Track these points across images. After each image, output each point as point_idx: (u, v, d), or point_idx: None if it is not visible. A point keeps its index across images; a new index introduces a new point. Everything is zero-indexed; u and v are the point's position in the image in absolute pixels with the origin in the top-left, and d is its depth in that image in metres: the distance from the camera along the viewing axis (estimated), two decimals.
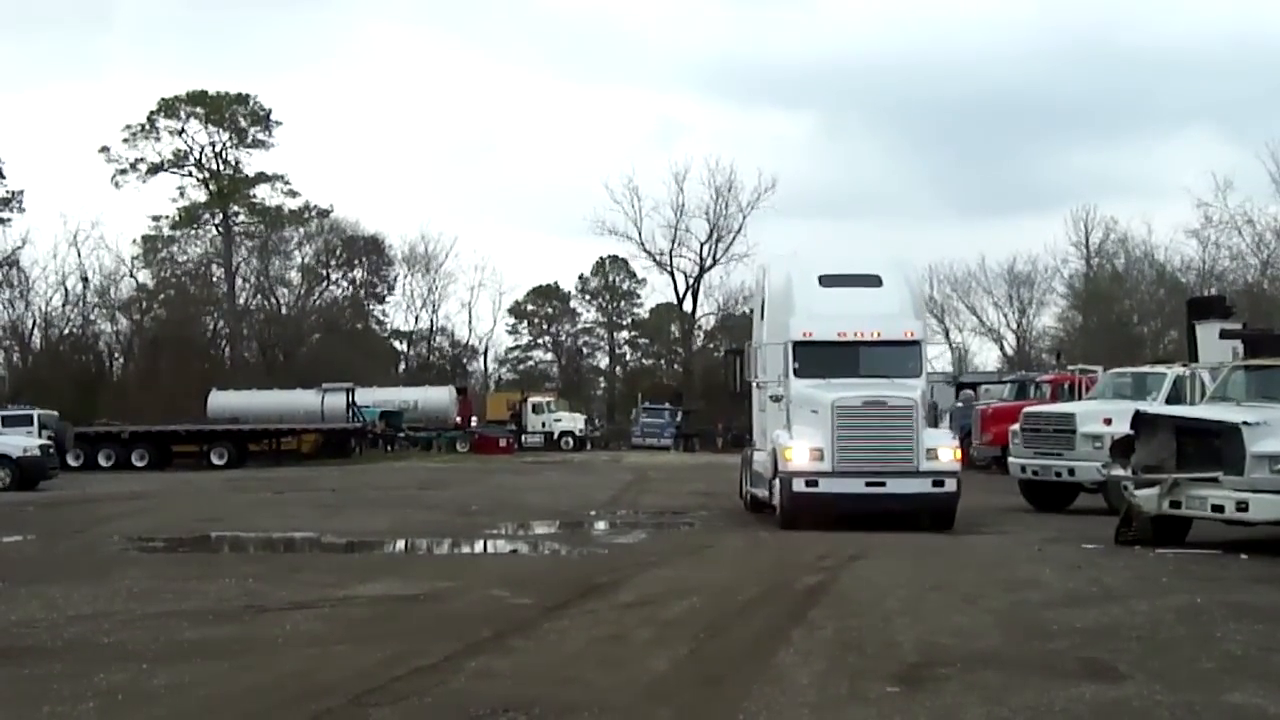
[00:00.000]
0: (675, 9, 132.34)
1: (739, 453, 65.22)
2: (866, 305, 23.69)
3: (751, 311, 29.10)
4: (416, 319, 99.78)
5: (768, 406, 24.51)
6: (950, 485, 22.08)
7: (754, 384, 25.72)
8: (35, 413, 48.56)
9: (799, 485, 21.95)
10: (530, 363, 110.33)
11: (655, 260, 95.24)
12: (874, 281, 24.27)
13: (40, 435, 43.86)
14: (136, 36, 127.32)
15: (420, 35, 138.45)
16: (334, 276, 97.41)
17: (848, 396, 22.20)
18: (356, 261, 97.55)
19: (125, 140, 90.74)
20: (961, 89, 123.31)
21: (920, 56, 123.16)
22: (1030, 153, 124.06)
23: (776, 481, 22.60)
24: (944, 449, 22.38)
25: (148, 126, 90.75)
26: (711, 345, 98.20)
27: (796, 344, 23.40)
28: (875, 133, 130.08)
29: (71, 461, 48.60)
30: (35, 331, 79.88)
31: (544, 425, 76.30)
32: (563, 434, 76.01)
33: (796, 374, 23.24)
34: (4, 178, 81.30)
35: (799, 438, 22.30)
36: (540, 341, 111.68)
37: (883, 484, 21.90)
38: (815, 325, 23.40)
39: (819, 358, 23.19)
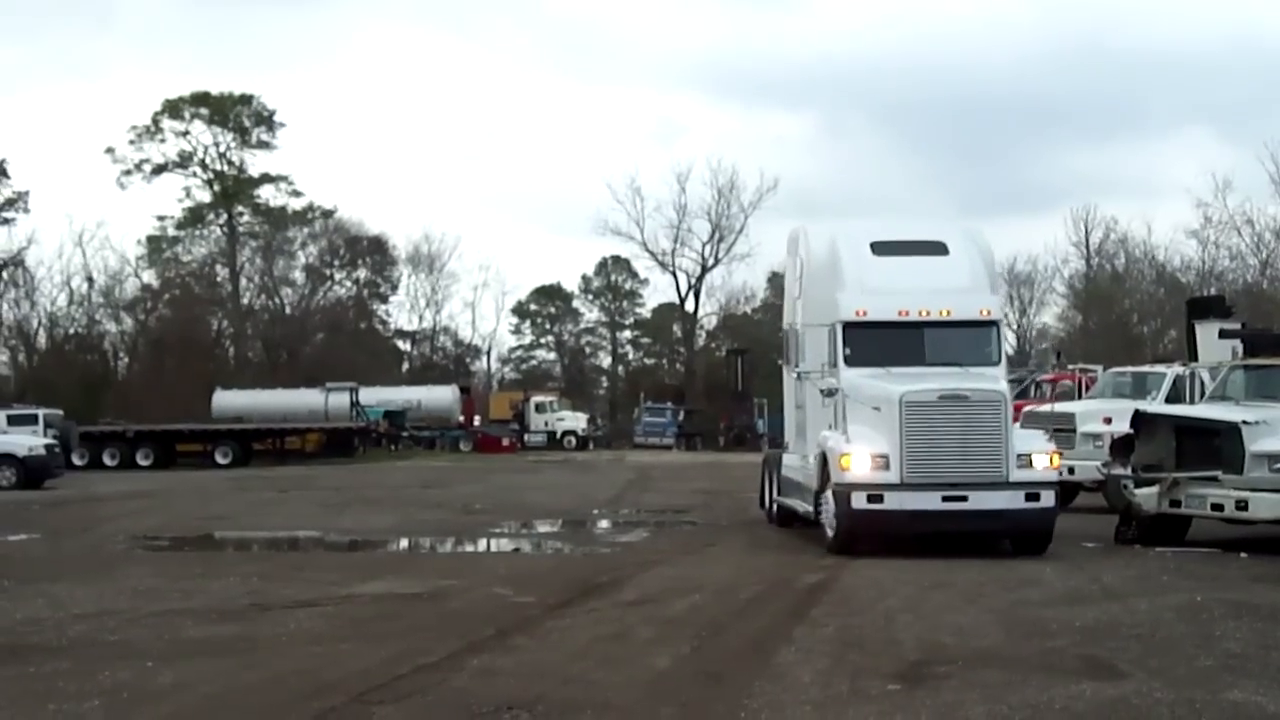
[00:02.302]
0: (676, 9, 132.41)
1: (740, 452, 65.84)
2: (931, 278, 19.83)
3: (781, 289, 24.88)
4: (420, 318, 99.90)
5: (809, 401, 20.74)
6: (1047, 499, 17.99)
7: (787, 374, 22.25)
8: (40, 412, 48.65)
9: (860, 501, 17.87)
10: (533, 362, 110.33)
11: (657, 260, 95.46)
12: (938, 249, 20.43)
13: (45, 434, 43.93)
14: (140, 37, 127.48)
15: (423, 35, 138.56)
16: (338, 276, 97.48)
17: (920, 390, 18.09)
18: (360, 261, 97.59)
19: (130, 141, 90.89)
20: (962, 89, 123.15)
21: (921, 57, 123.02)
22: (1030, 152, 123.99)
23: (828, 495, 18.53)
24: (1039, 455, 18.23)
25: (152, 127, 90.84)
26: (713, 345, 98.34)
27: (848, 325, 19.40)
28: (876, 133, 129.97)
29: (76, 461, 48.62)
30: (40, 331, 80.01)
31: (547, 424, 76.32)
32: (565, 433, 76.03)
33: (848, 362, 19.26)
34: (9, 178, 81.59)
35: (858, 441, 18.17)
36: (543, 341, 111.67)
37: (963, 498, 17.80)
38: (870, 302, 19.47)
39: (875, 342, 19.32)
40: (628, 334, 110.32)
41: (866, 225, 21.79)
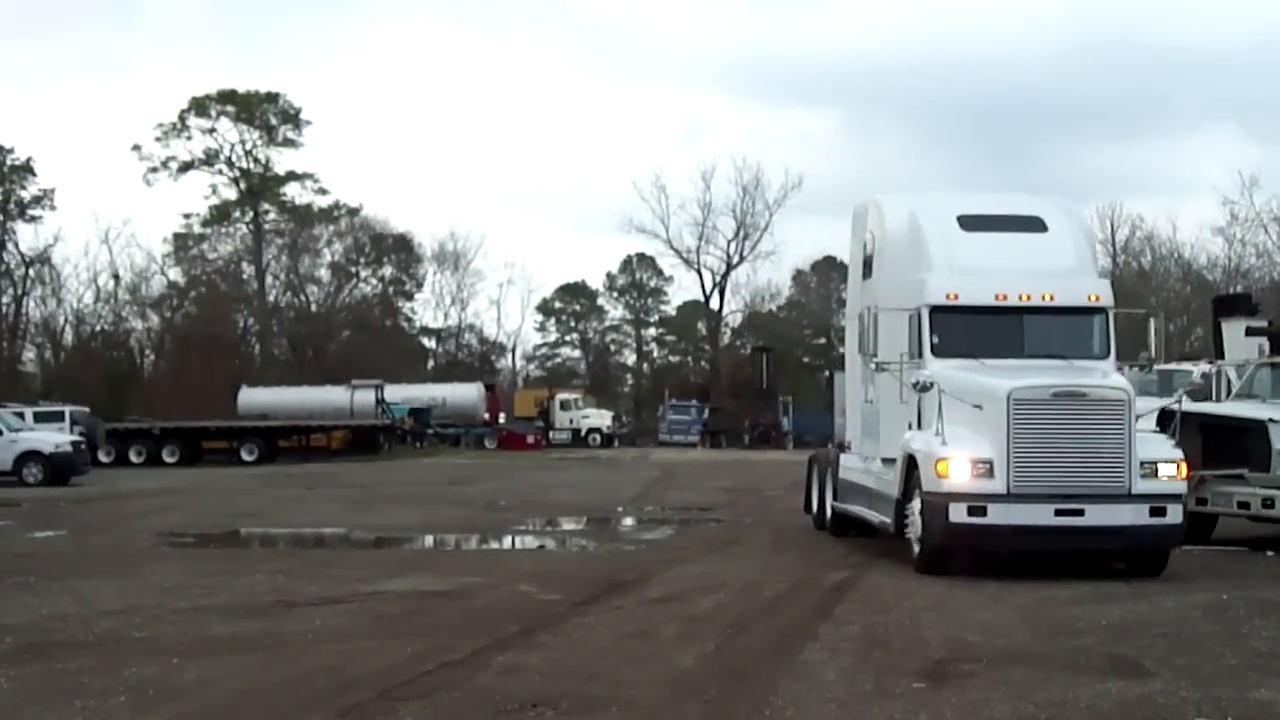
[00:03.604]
0: (700, 6, 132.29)
1: (765, 450, 65.79)
2: (1029, 257, 17.82)
3: (847, 268, 21.53)
4: (445, 316, 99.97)
5: (882, 396, 18.48)
6: (1174, 515, 15.74)
7: (850, 365, 20.69)
8: (67, 409, 48.85)
9: (959, 513, 15.58)
10: (558, 359, 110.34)
11: (682, 258, 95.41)
12: (1035, 225, 18.26)
13: (72, 432, 44.09)
14: (167, 35, 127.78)
15: (448, 33, 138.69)
16: (363, 274, 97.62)
17: (1032, 385, 15.91)
18: (386, 259, 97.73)
19: (156, 138, 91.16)
20: (987, 86, 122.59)
21: (945, 54, 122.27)
22: (1056, 150, 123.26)
23: (915, 505, 16.33)
24: (1165, 463, 15.96)
25: (179, 125, 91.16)
26: (738, 343, 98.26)
27: (936, 310, 17.32)
28: (901, 130, 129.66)
29: (103, 458, 48.80)
30: (67, 328, 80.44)
31: (571, 422, 76.30)
32: (590, 431, 75.99)
33: (934, 352, 17.22)
34: (36, 175, 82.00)
35: (956, 444, 15.87)
36: (568, 339, 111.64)
37: (1079, 512, 15.58)
38: (962, 284, 17.36)
39: (967, 329, 17.28)
40: (652, 331, 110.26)
41: (947, 197, 19.88)
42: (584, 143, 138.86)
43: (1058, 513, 15.61)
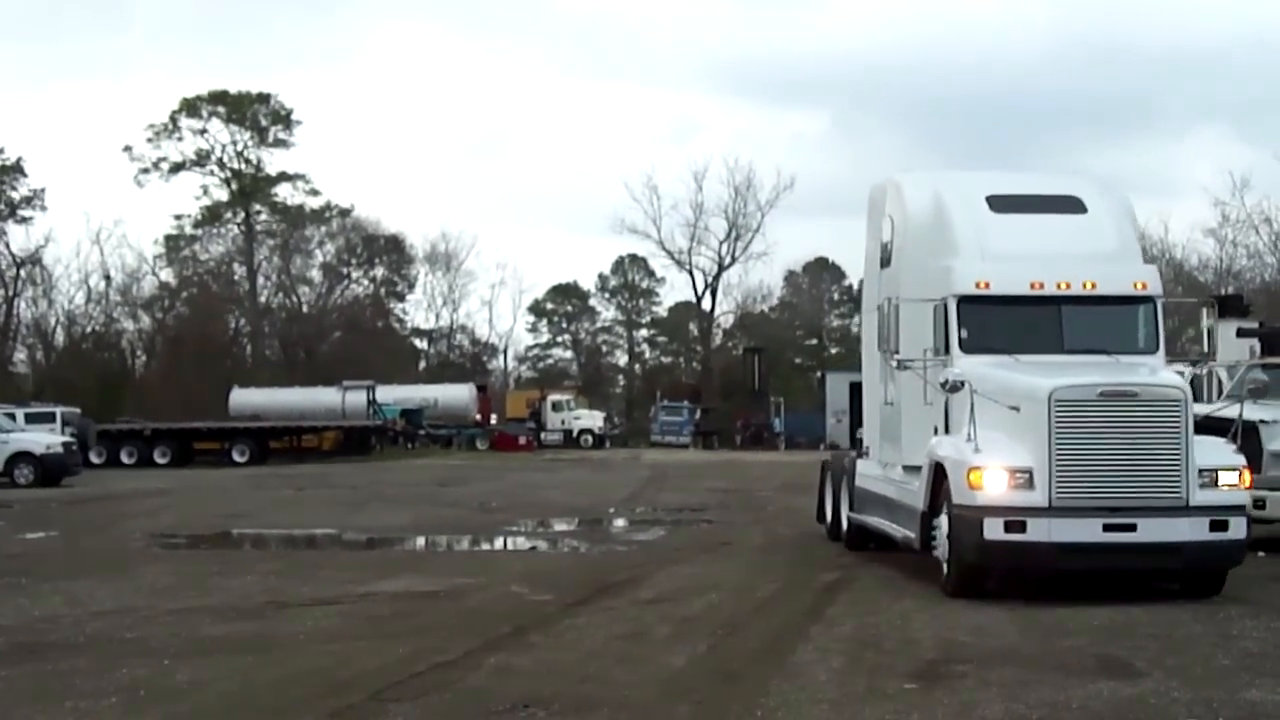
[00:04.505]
0: (691, 8, 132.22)
1: (757, 450, 65.82)
2: (1068, 241, 16.12)
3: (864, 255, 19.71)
4: (437, 317, 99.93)
5: (904, 397, 16.96)
6: (1236, 529, 14.10)
7: (868, 362, 18.97)
8: (58, 410, 48.85)
9: (994, 529, 13.82)
10: (550, 361, 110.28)
11: (674, 259, 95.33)
12: (1073, 205, 16.52)
13: (63, 432, 44.06)
14: (158, 36, 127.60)
15: (439, 34, 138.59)
16: (355, 275, 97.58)
17: (1076, 385, 14.16)
18: (377, 260, 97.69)
19: (148, 139, 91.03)
20: (977, 87, 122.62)
21: (936, 54, 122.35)
22: (1045, 151, 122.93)
23: (943, 520, 14.62)
24: (1226, 471, 14.27)
25: (170, 125, 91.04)
26: (730, 344, 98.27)
27: (964, 300, 15.57)
28: (892, 131, 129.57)
29: (94, 459, 48.75)
30: (58, 329, 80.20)
31: (563, 423, 76.27)
32: (582, 432, 75.96)
33: (963, 347, 15.48)
34: (27, 176, 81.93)
35: (991, 451, 14.14)
36: (560, 340, 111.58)
37: (1130, 527, 13.86)
38: (994, 271, 15.64)
39: (999, 322, 15.64)
40: (644, 332, 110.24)
41: (974, 175, 18.05)
42: (575, 143, 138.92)
43: (1106, 528, 13.87)
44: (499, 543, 22.30)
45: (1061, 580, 14.45)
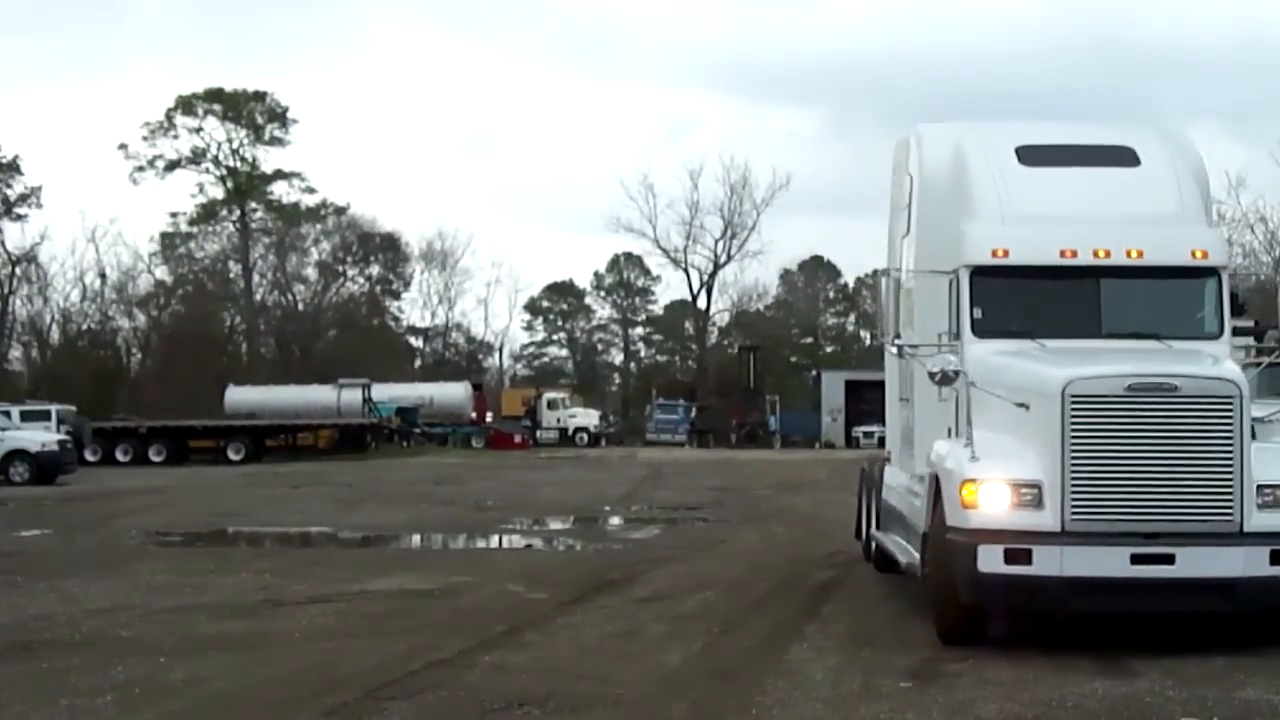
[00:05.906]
0: (686, 6, 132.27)
1: (752, 449, 65.78)
2: (1112, 199, 13.14)
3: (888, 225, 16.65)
4: (433, 315, 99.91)
5: (917, 393, 14.08)
6: None
7: (889, 350, 14.64)
8: (53, 408, 48.82)
9: (990, 559, 10.99)
10: (545, 359, 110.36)
11: (670, 257, 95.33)
12: (1124, 157, 13.50)
13: (58, 430, 44.02)
14: (153, 34, 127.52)
15: (435, 33, 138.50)
16: (350, 273, 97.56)
17: (1096, 375, 11.31)
18: (373, 258, 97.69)
19: (143, 137, 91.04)
20: (970, 85, 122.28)
21: (930, 52, 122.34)
22: None
23: (924, 545, 12.39)
24: None
25: (166, 124, 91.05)
26: (726, 342, 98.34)
27: (978, 272, 12.69)
28: (886, 129, 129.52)
29: (89, 457, 48.68)
30: (53, 327, 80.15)
31: (559, 421, 76.27)
32: (577, 430, 75.97)
33: (977, 330, 12.60)
34: (22, 174, 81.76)
35: (990, 459, 11.39)
36: (555, 338, 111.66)
37: (1168, 559, 10.94)
38: (1015, 236, 12.73)
39: (1022, 298, 12.82)
40: (640, 331, 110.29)
41: (1009, 126, 14.76)
42: (571, 142, 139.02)
43: (1135, 559, 10.94)
44: (494, 541, 22.31)
45: (1078, 623, 11.96)
